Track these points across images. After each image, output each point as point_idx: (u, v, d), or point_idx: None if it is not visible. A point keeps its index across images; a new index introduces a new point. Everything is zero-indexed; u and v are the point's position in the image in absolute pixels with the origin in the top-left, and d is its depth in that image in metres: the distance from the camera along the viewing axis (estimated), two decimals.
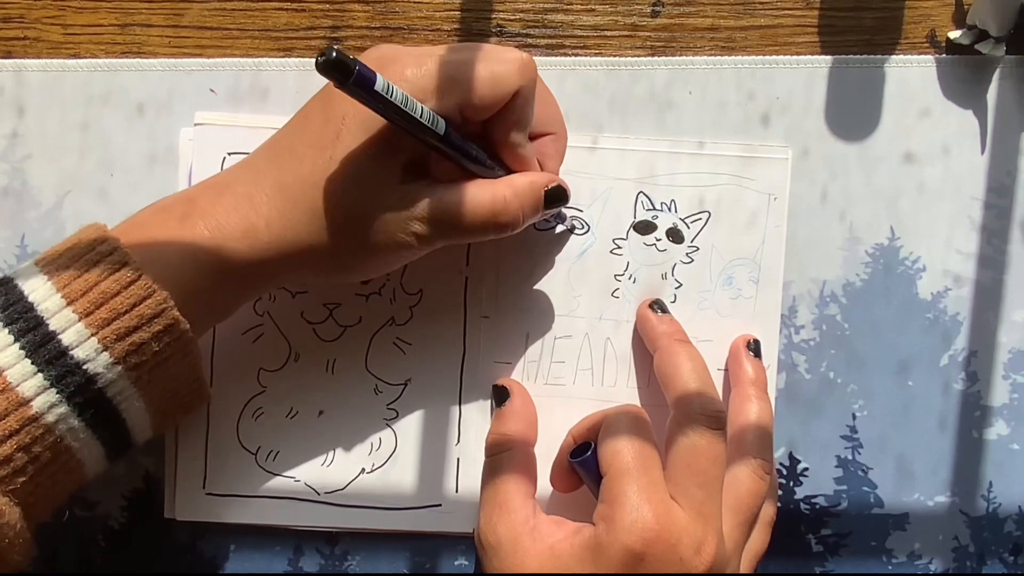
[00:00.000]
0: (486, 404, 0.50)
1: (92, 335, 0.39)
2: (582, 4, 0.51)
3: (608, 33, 0.51)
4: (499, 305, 0.51)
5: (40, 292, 0.40)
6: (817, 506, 0.51)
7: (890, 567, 0.51)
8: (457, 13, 0.51)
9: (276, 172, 0.43)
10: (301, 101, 0.50)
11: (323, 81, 0.51)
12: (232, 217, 0.42)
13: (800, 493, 0.51)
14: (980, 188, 0.51)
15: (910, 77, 0.51)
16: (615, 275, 0.51)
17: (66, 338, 0.39)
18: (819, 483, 0.51)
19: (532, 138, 0.46)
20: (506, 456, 0.47)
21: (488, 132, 0.44)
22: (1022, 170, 0.51)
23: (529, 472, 0.47)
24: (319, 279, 0.48)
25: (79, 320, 0.39)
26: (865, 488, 0.51)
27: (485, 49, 0.43)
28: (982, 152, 0.51)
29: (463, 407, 0.51)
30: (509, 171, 0.45)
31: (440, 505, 0.50)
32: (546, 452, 0.49)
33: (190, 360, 0.43)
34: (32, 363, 0.39)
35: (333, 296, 0.50)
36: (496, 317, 0.51)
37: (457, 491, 0.50)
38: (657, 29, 0.51)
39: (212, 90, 0.51)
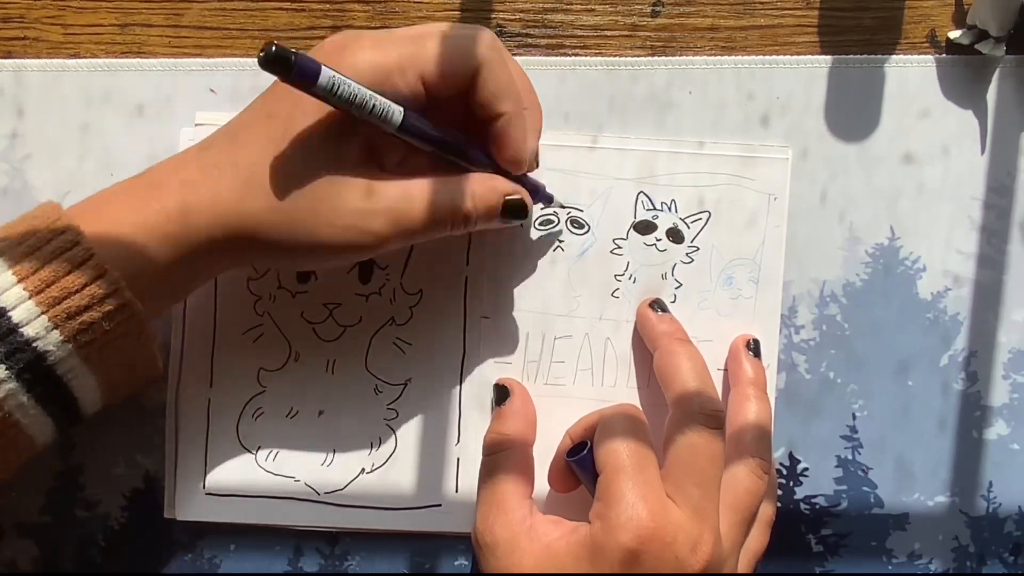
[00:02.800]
0: (486, 404, 0.50)
1: (42, 313, 0.40)
2: (582, 4, 0.51)
3: (608, 33, 0.51)
4: (499, 305, 0.51)
5: None
6: (817, 506, 0.51)
7: (890, 567, 0.51)
8: (457, 13, 0.51)
9: (229, 148, 0.43)
10: None
11: None
12: (187, 195, 0.42)
13: (800, 493, 0.51)
14: (980, 188, 0.51)
15: (910, 77, 0.51)
16: (615, 275, 0.51)
17: (16, 315, 0.39)
18: (819, 483, 0.51)
19: (508, 114, 0.45)
20: (504, 456, 0.47)
21: (471, 113, 0.44)
22: (1022, 170, 0.51)
23: (527, 472, 0.47)
24: (274, 263, 0.49)
25: (30, 298, 0.39)
26: (865, 488, 0.51)
27: (444, 25, 0.44)
28: (982, 152, 0.51)
29: (463, 407, 0.51)
30: (485, 156, 0.45)
31: (440, 505, 0.50)
32: (545, 452, 0.49)
33: (142, 339, 0.43)
34: None
35: (333, 296, 0.51)
36: (496, 317, 0.51)
37: (457, 491, 0.50)
38: (657, 29, 0.51)
39: (212, 90, 0.51)
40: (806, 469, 0.51)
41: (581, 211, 0.50)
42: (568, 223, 0.50)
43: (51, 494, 0.51)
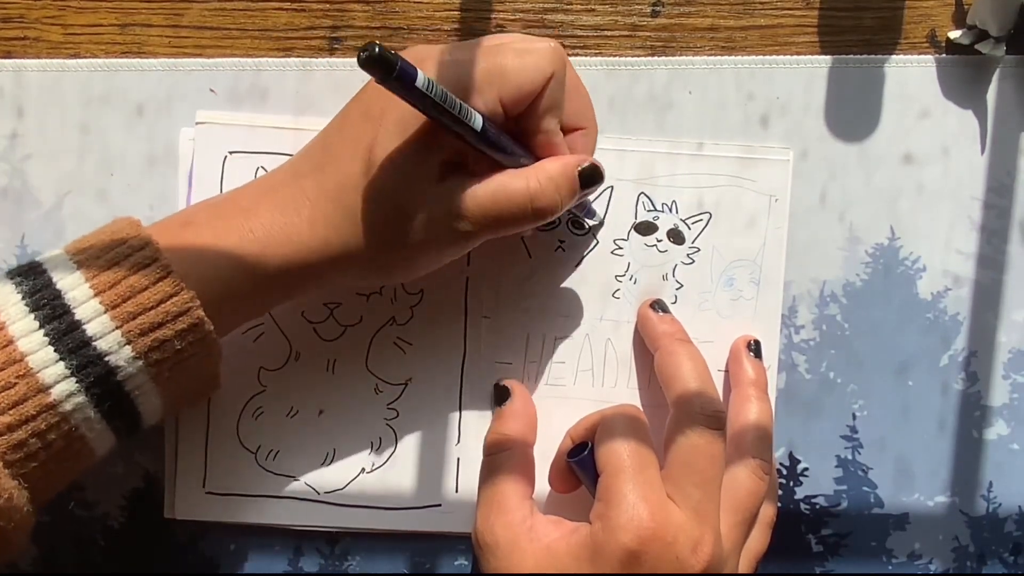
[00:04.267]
0: (486, 404, 0.50)
1: (116, 328, 0.39)
2: (582, 4, 0.51)
3: (608, 33, 0.51)
4: (500, 305, 0.51)
5: (68, 280, 0.40)
6: (817, 506, 0.51)
7: (890, 567, 0.51)
8: (457, 13, 0.51)
9: (317, 174, 0.43)
10: (301, 101, 0.51)
11: (323, 83, 0.51)
12: (274, 220, 0.42)
13: (800, 493, 0.51)
14: (980, 188, 0.51)
15: (910, 77, 0.51)
16: (616, 276, 0.51)
17: (90, 328, 0.39)
18: (819, 483, 0.51)
19: (564, 133, 0.45)
20: (505, 456, 0.47)
21: (522, 122, 0.44)
22: (1022, 170, 0.51)
23: (527, 472, 0.47)
24: (362, 282, 0.49)
25: (105, 312, 0.39)
26: (865, 488, 0.51)
27: (515, 39, 0.44)
28: (982, 152, 0.51)
29: (463, 407, 0.51)
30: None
31: (440, 505, 0.50)
32: (545, 452, 0.49)
33: (211, 359, 0.43)
34: (55, 351, 0.39)
35: (334, 295, 0.50)
36: (497, 317, 0.51)
37: (457, 491, 0.50)
38: (657, 29, 0.51)
39: (212, 90, 0.51)
40: (806, 469, 0.51)
41: (591, 225, 0.51)
42: (569, 224, 0.50)
43: None
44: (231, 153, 0.50)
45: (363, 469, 0.51)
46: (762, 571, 0.48)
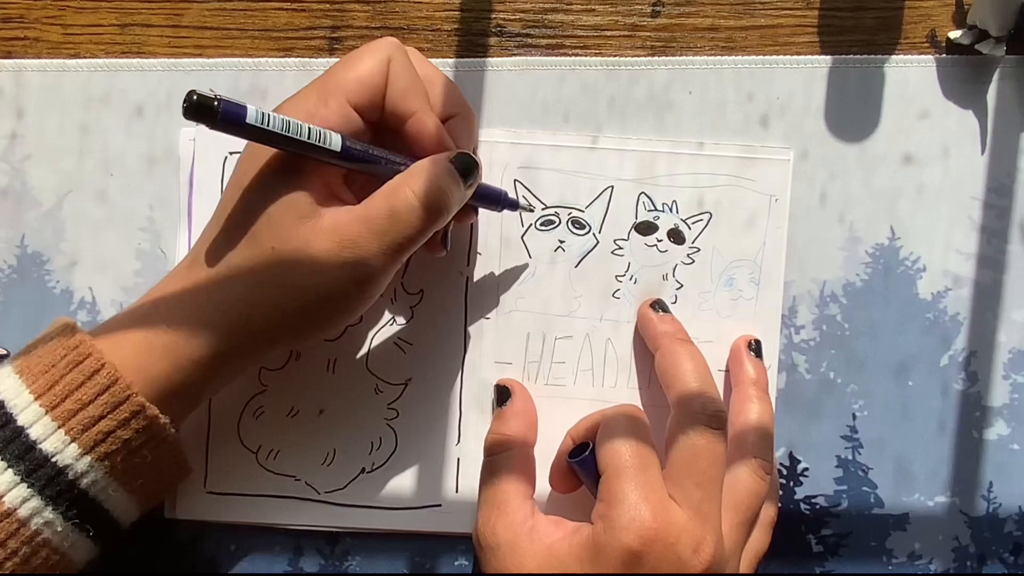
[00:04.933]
0: (486, 404, 0.50)
1: (59, 427, 0.40)
2: (582, 4, 0.51)
3: (608, 33, 0.51)
4: (500, 305, 0.51)
5: (10, 389, 0.40)
6: (817, 506, 0.51)
7: (890, 567, 0.51)
8: (457, 13, 0.51)
9: (210, 264, 0.43)
10: None
11: None
12: (186, 309, 0.42)
13: (800, 493, 0.51)
14: (980, 188, 0.51)
15: (910, 77, 0.51)
16: (616, 276, 0.51)
17: (34, 432, 0.39)
18: (819, 483, 0.51)
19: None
20: (505, 456, 0.47)
21: (390, 122, 0.44)
22: (1022, 170, 0.51)
23: (528, 473, 0.47)
24: (296, 343, 0.48)
25: (46, 413, 0.39)
26: (865, 488, 0.51)
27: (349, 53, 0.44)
28: (982, 152, 0.51)
29: (463, 407, 0.51)
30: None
31: (440, 505, 0.50)
32: (546, 452, 0.49)
33: (167, 445, 0.43)
34: (2, 459, 0.39)
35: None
36: (497, 317, 0.51)
37: (457, 491, 0.50)
38: (657, 29, 0.51)
39: (212, 90, 0.51)
40: (806, 469, 0.51)
41: (582, 211, 0.50)
42: (569, 223, 0.50)
43: None
44: (231, 154, 0.50)
45: (363, 469, 0.50)
46: (762, 571, 0.48)
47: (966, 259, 0.51)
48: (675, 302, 0.51)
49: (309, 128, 0.40)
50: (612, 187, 0.50)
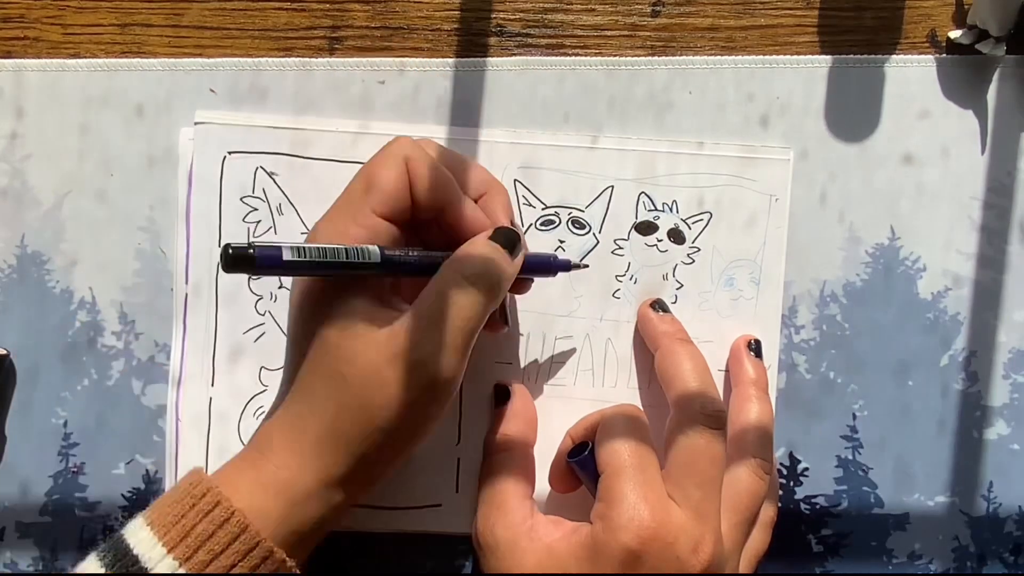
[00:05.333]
0: (486, 405, 0.50)
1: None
2: (582, 4, 0.51)
3: (608, 33, 0.51)
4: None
5: (144, 543, 0.40)
6: (817, 506, 0.51)
7: (890, 567, 0.51)
8: (457, 13, 0.51)
9: (295, 390, 0.43)
10: (301, 101, 0.51)
11: (322, 83, 0.51)
12: (288, 444, 0.42)
13: (800, 493, 0.51)
14: (980, 188, 0.51)
15: (910, 77, 0.51)
16: (616, 276, 0.51)
17: None
18: (819, 483, 0.51)
19: None
20: (505, 457, 0.47)
21: (423, 220, 0.44)
22: (1022, 170, 0.51)
23: (527, 473, 0.47)
24: (396, 456, 0.44)
25: (180, 566, 0.39)
26: (865, 488, 0.51)
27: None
28: (982, 152, 0.51)
29: (463, 407, 0.51)
30: None
31: (440, 505, 0.50)
32: (545, 452, 0.49)
33: None
34: None
35: None
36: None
37: (457, 491, 0.50)
38: (657, 29, 0.51)
39: (212, 90, 0.51)
40: (806, 469, 0.51)
41: (582, 211, 0.50)
42: (569, 223, 0.50)
43: (51, 494, 0.51)
44: (230, 153, 0.50)
45: None
46: (762, 571, 0.48)
47: (966, 259, 0.51)
48: (675, 302, 0.51)
49: (346, 249, 0.40)
50: (612, 187, 0.50)
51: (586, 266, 0.50)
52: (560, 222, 0.50)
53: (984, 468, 0.52)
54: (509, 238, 0.44)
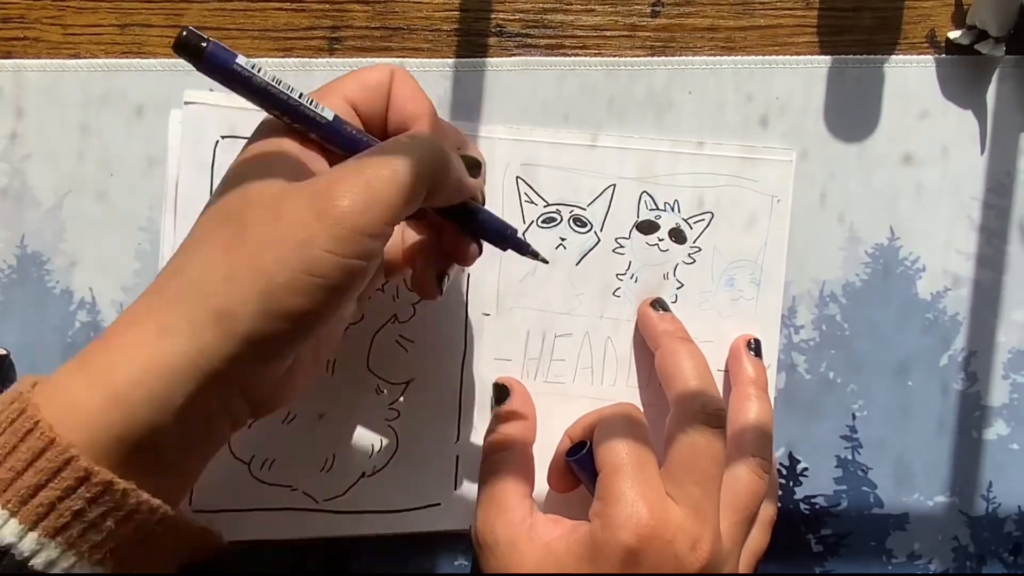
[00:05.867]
0: (486, 401, 0.50)
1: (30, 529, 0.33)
2: (582, 4, 0.51)
3: (608, 33, 0.51)
4: (500, 302, 0.51)
5: None
6: (817, 506, 0.51)
7: (890, 567, 0.51)
8: (456, 13, 0.51)
9: (194, 280, 0.36)
10: None
11: (322, 83, 0.51)
12: (137, 321, 0.35)
13: (800, 493, 0.51)
14: (979, 188, 0.51)
15: (909, 77, 0.51)
16: (617, 274, 0.51)
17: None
18: (819, 483, 0.51)
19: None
20: (504, 456, 0.47)
21: (391, 132, 0.42)
22: (1021, 170, 0.52)
23: (527, 472, 0.47)
24: (276, 364, 0.38)
25: (11, 516, 0.33)
26: (865, 488, 0.51)
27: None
28: (981, 152, 0.51)
29: (463, 404, 0.50)
30: None
31: (439, 504, 0.50)
32: (545, 451, 0.49)
33: (140, 514, 0.34)
34: None
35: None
36: (497, 314, 0.51)
37: (456, 489, 0.50)
38: (657, 29, 0.51)
39: (212, 91, 0.51)
40: (806, 469, 0.51)
41: (584, 209, 0.50)
42: (570, 221, 0.50)
43: None
44: (223, 138, 0.49)
45: (363, 473, 0.50)
46: (762, 571, 0.48)
47: (966, 259, 0.51)
48: (675, 301, 0.51)
49: (301, 92, 0.38)
50: (614, 185, 0.50)
51: (545, 261, 0.45)
52: (561, 220, 0.50)
53: (983, 468, 0.52)
54: (471, 159, 0.41)
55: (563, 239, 0.51)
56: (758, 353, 0.50)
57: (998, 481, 0.52)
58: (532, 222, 0.50)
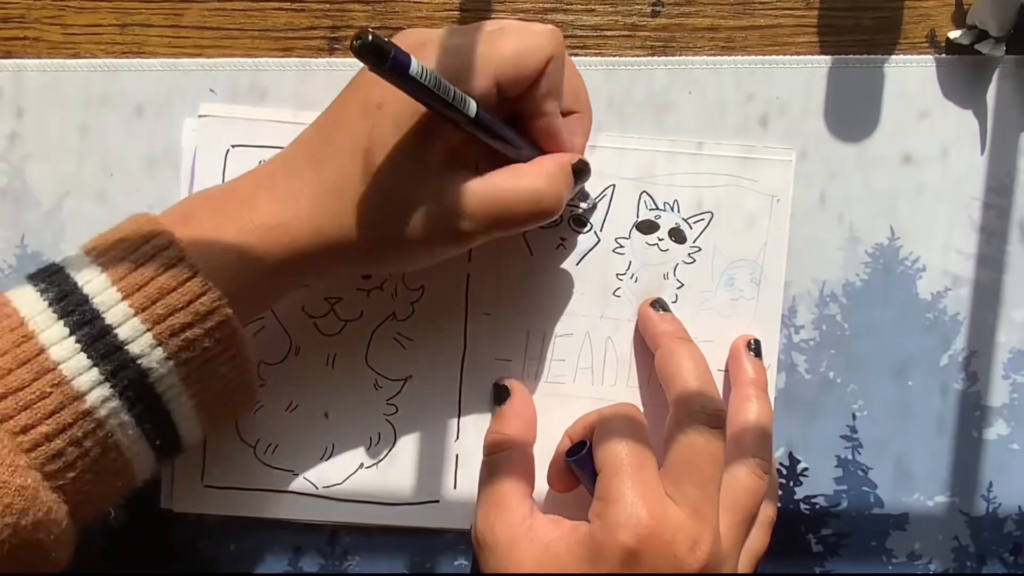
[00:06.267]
0: (486, 401, 0.50)
1: (147, 330, 0.39)
2: (582, 4, 0.51)
3: (608, 33, 0.51)
4: (500, 302, 0.51)
5: (95, 284, 0.40)
6: (817, 506, 0.51)
7: (890, 567, 0.51)
8: (456, 13, 0.51)
9: (315, 167, 0.43)
10: (300, 101, 0.51)
11: (322, 83, 0.51)
12: (273, 212, 0.42)
13: (800, 493, 0.51)
14: (979, 188, 0.51)
15: (909, 77, 0.51)
16: (617, 274, 0.51)
17: (122, 332, 0.39)
18: (819, 483, 0.51)
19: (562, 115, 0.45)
20: (504, 456, 0.47)
21: (521, 108, 0.44)
22: (1021, 170, 0.51)
23: (527, 472, 0.47)
24: (359, 271, 0.49)
25: (135, 315, 0.39)
26: (865, 488, 0.51)
27: (513, 24, 0.44)
28: (982, 152, 0.51)
29: (463, 404, 0.51)
30: (539, 150, 0.45)
31: (438, 501, 0.50)
32: (544, 451, 0.49)
33: (239, 360, 0.42)
34: (87, 357, 0.39)
35: (334, 290, 0.50)
36: (497, 314, 0.51)
37: (455, 487, 0.50)
38: (657, 29, 0.51)
39: (212, 90, 0.51)
40: (806, 469, 0.51)
41: (584, 209, 0.50)
42: (570, 221, 0.50)
43: None
44: (233, 147, 0.50)
45: (362, 464, 0.50)
46: (762, 571, 0.48)
47: (966, 259, 0.51)
48: (675, 301, 0.50)
49: (454, 91, 0.40)
50: (614, 185, 0.50)
51: (593, 207, 0.51)
52: (561, 220, 0.50)
53: (984, 468, 0.52)
54: (582, 173, 0.46)
55: (563, 239, 0.51)
56: (758, 353, 0.50)
57: (998, 481, 0.52)
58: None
